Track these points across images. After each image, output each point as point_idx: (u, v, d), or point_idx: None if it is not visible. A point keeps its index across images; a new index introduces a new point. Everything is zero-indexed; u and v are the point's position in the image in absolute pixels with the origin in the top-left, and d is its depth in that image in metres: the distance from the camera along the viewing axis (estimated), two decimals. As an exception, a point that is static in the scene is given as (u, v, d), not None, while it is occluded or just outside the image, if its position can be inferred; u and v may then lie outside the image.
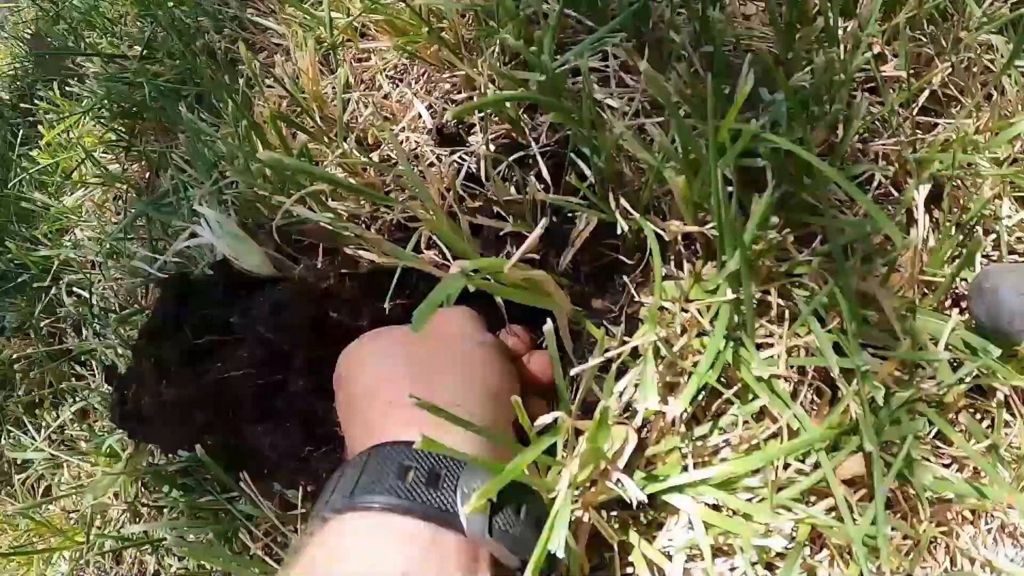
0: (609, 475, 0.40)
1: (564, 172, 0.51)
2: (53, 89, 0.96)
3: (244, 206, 0.58)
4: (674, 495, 0.41)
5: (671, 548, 0.41)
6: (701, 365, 0.39)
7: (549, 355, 0.42)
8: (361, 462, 0.37)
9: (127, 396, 0.58)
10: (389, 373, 0.43)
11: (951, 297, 0.48)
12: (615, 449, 0.39)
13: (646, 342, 0.39)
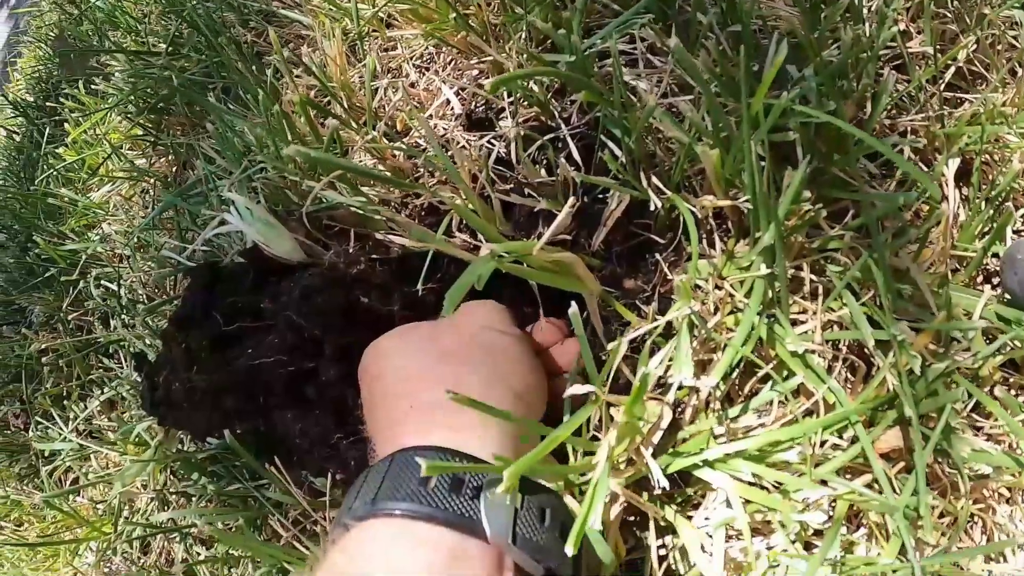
0: (643, 452, 0.40)
1: (594, 154, 0.51)
2: (78, 88, 0.97)
3: (273, 193, 0.58)
4: (708, 471, 0.40)
5: (708, 527, 0.41)
6: (736, 338, 0.39)
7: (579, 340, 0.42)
8: (384, 467, 0.37)
9: (157, 383, 0.58)
10: (412, 373, 0.43)
11: (983, 273, 0.48)
12: (650, 424, 0.39)
13: (681, 315, 0.39)
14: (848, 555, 0.39)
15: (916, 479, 0.35)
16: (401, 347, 0.46)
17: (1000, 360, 0.43)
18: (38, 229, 0.89)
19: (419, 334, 0.47)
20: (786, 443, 0.40)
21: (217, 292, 0.58)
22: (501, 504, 0.34)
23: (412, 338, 0.46)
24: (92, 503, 0.81)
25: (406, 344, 0.46)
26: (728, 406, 0.44)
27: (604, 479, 0.34)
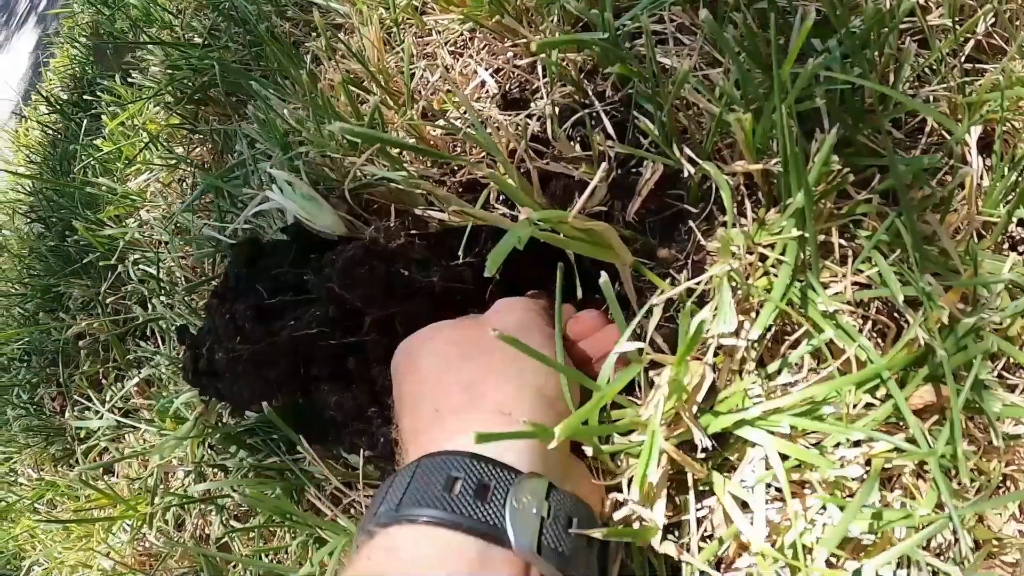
0: (686, 414, 0.41)
1: (627, 129, 0.53)
2: (114, 81, 1.00)
3: (314, 172, 0.60)
4: (748, 429, 0.42)
5: (748, 483, 0.42)
6: (774, 293, 0.40)
7: (615, 322, 0.42)
8: (409, 473, 0.36)
9: (201, 353, 0.60)
10: (440, 376, 0.43)
11: (1008, 241, 0.49)
12: (694, 383, 0.40)
13: (721, 271, 0.41)
14: (884, 508, 0.40)
15: (951, 427, 0.36)
16: (430, 348, 0.46)
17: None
18: (77, 216, 0.91)
19: (449, 335, 0.46)
20: (821, 400, 0.41)
21: (259, 267, 0.60)
22: (527, 513, 0.34)
23: (441, 339, 0.46)
24: (128, 480, 0.83)
25: (435, 345, 0.46)
26: (762, 367, 0.45)
27: (657, 433, 0.35)
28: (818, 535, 0.42)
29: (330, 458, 0.61)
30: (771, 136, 0.47)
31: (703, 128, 0.52)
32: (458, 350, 0.44)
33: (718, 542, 0.43)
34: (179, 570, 0.81)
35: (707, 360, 0.43)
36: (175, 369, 0.73)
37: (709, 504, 0.46)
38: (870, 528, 0.39)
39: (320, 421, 0.60)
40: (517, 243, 0.40)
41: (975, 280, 0.42)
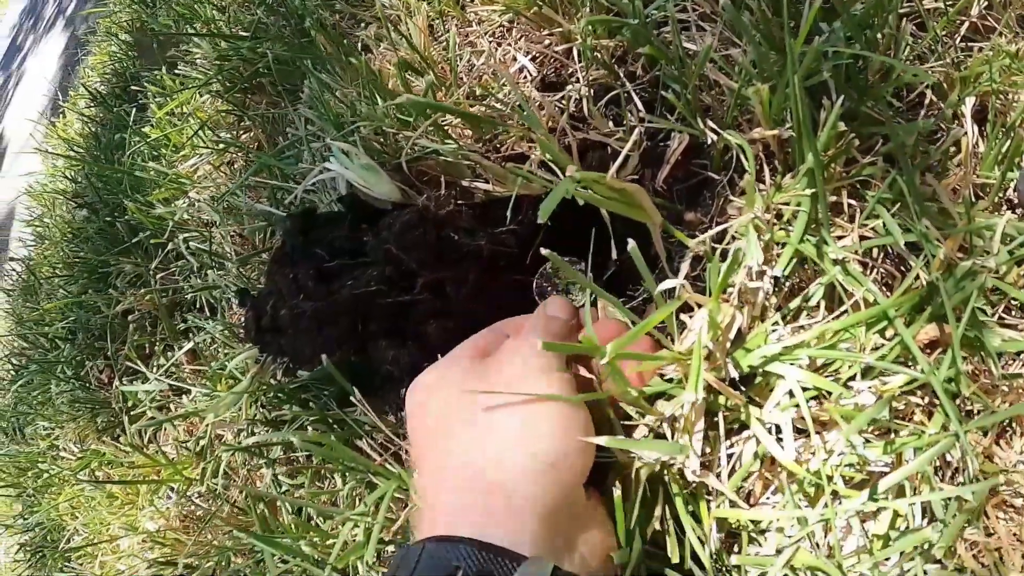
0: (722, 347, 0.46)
1: (656, 107, 0.58)
2: (161, 73, 1.06)
3: (368, 148, 0.66)
4: (774, 364, 0.47)
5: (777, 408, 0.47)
6: (793, 236, 0.46)
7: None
8: (414, 557, 0.37)
9: (264, 311, 0.66)
10: (441, 441, 0.43)
11: (1005, 204, 0.54)
12: (725, 322, 0.46)
13: (746, 219, 0.46)
14: (896, 432, 0.45)
15: (953, 353, 0.42)
16: (437, 402, 0.45)
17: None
18: (126, 198, 0.97)
19: (458, 385, 0.44)
20: (836, 336, 0.47)
21: (316, 235, 0.65)
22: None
23: (449, 391, 0.45)
24: (176, 442, 0.88)
25: (441, 400, 0.45)
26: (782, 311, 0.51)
27: (700, 353, 0.40)
28: (836, 462, 0.47)
29: (381, 412, 0.66)
30: (785, 107, 0.53)
31: (724, 104, 0.58)
32: (460, 415, 0.43)
33: (749, 463, 0.49)
34: (226, 528, 0.87)
35: (734, 302, 0.48)
36: (228, 335, 0.78)
37: (737, 440, 0.51)
38: (884, 450, 0.45)
39: (371, 379, 0.65)
40: (566, 193, 0.46)
41: (970, 227, 0.47)
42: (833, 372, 0.49)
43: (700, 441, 0.48)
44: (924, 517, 0.46)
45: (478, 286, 0.62)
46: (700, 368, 0.40)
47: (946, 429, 0.46)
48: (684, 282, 0.44)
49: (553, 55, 0.66)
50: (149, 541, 0.94)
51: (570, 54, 0.65)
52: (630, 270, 0.61)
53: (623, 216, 0.57)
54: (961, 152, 0.51)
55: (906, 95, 0.57)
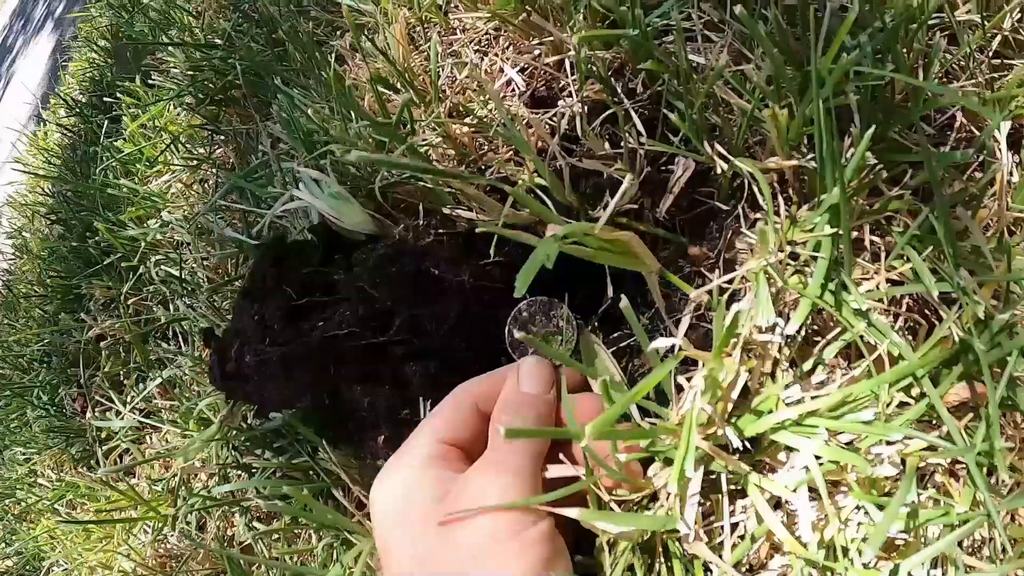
0: (723, 409, 0.40)
1: (657, 127, 0.52)
2: (134, 83, 1.00)
3: (340, 172, 0.60)
4: (785, 433, 0.41)
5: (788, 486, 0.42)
6: (810, 288, 0.40)
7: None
8: None
9: (228, 355, 0.60)
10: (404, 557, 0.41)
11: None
12: (728, 380, 0.40)
13: (757, 266, 0.40)
14: (921, 508, 0.40)
15: (987, 423, 0.36)
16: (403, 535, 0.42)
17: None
18: (98, 217, 0.92)
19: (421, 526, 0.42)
20: (857, 401, 0.41)
21: (286, 267, 0.60)
22: None
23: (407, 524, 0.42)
24: (149, 481, 0.83)
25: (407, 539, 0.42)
26: (796, 369, 0.45)
27: (694, 422, 0.35)
28: (852, 535, 0.41)
29: (356, 459, 0.60)
30: (803, 132, 0.47)
31: (733, 125, 0.52)
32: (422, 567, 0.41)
33: (750, 540, 0.43)
34: (201, 571, 0.81)
35: (739, 358, 0.42)
36: (198, 370, 0.73)
37: (742, 505, 0.45)
38: (906, 527, 0.39)
39: (346, 424, 0.60)
40: (546, 260, 0.40)
41: (1010, 276, 0.41)
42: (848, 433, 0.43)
43: (694, 509, 0.42)
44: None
45: (460, 324, 0.56)
46: (690, 445, 0.34)
47: (976, 504, 0.40)
48: (680, 341, 0.38)
49: (543, 68, 0.59)
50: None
51: (562, 66, 0.59)
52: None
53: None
54: (996, 184, 0.45)
55: (935, 119, 0.51)
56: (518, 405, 0.44)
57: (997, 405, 0.36)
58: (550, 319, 0.51)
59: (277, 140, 0.67)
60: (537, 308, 0.51)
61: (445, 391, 0.48)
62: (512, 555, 0.38)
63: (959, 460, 0.43)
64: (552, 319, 0.51)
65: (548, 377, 0.47)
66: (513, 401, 0.45)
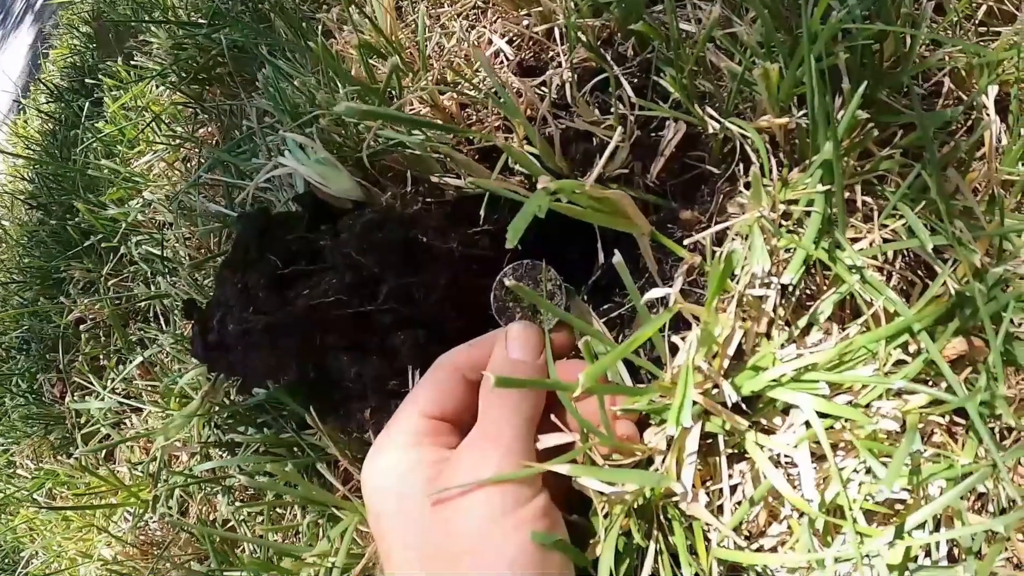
0: (718, 365, 0.40)
1: (647, 93, 0.52)
2: (117, 64, 0.98)
3: (327, 141, 0.59)
4: (782, 390, 0.41)
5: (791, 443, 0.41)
6: (805, 238, 0.40)
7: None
8: None
9: (211, 326, 0.59)
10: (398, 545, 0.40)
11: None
12: (723, 335, 0.39)
13: (751, 218, 0.40)
14: (924, 461, 0.39)
15: (987, 372, 0.36)
16: (394, 526, 0.41)
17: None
18: (78, 198, 0.90)
19: (418, 518, 0.40)
20: (854, 358, 0.41)
21: (271, 236, 0.58)
22: None
23: (408, 518, 0.41)
24: (129, 465, 0.82)
25: (400, 531, 0.41)
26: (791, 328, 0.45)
27: (691, 371, 0.34)
28: (854, 495, 0.41)
29: (343, 432, 0.59)
30: (794, 92, 0.47)
31: (724, 91, 0.51)
32: (419, 551, 0.39)
33: (748, 503, 0.42)
34: (184, 557, 0.80)
35: (734, 313, 0.42)
36: (179, 348, 0.71)
37: (740, 470, 0.45)
38: (909, 482, 0.39)
39: (332, 395, 0.59)
40: (537, 211, 0.39)
41: (1002, 229, 0.41)
42: (847, 391, 0.43)
43: (692, 468, 0.41)
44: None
45: (449, 292, 0.55)
46: (687, 394, 0.34)
47: (978, 457, 0.40)
48: (674, 291, 0.38)
49: (532, 36, 0.59)
50: (105, 570, 0.87)
51: (551, 35, 0.59)
52: (614, 277, 0.54)
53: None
54: (984, 146, 0.45)
55: (923, 84, 0.51)
56: (509, 372, 0.43)
57: (999, 350, 0.36)
58: (537, 283, 0.50)
59: (263, 113, 0.66)
60: (523, 271, 0.50)
61: (434, 361, 0.48)
62: (508, 533, 0.37)
63: (957, 420, 0.43)
64: (539, 283, 0.51)
65: (537, 343, 0.46)
66: (501, 369, 0.44)
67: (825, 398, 0.40)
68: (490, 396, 0.43)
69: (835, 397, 0.42)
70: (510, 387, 0.38)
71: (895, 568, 0.39)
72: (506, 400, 0.41)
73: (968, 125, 0.53)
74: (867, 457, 0.37)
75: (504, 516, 0.38)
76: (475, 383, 0.46)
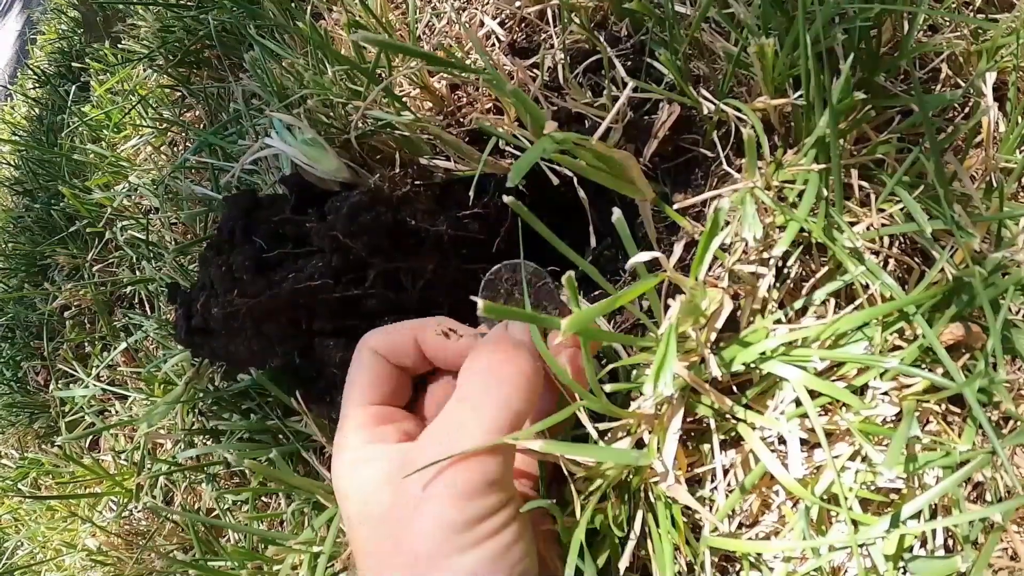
0: (705, 337, 0.39)
1: (640, 75, 0.51)
2: (104, 47, 0.97)
3: (315, 122, 0.58)
4: (774, 363, 0.40)
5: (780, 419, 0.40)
6: (800, 210, 0.39)
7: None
8: None
9: (195, 310, 0.57)
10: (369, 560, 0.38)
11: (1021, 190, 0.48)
12: (711, 308, 0.38)
13: (744, 188, 0.39)
14: (922, 449, 0.39)
15: (986, 358, 0.35)
16: (363, 523, 0.38)
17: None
18: (63, 183, 0.88)
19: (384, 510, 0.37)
20: (849, 339, 0.40)
21: (256, 218, 0.57)
22: None
23: (376, 514, 0.38)
24: (114, 454, 0.80)
25: (368, 527, 0.38)
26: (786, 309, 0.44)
27: (671, 345, 0.33)
28: (849, 482, 0.40)
29: (329, 420, 0.58)
30: (790, 74, 0.46)
31: (719, 73, 0.51)
32: (378, 557, 0.37)
33: (740, 490, 0.41)
34: (168, 547, 0.79)
35: (724, 286, 0.41)
36: (164, 334, 0.70)
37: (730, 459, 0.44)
38: (905, 470, 0.38)
39: (317, 382, 0.58)
40: (543, 154, 0.38)
41: (1002, 215, 0.41)
42: (840, 377, 0.42)
43: (674, 445, 0.40)
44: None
45: (438, 277, 0.54)
46: (669, 356, 0.33)
47: (976, 445, 0.39)
48: (672, 259, 0.37)
49: (524, 17, 0.58)
50: (90, 560, 0.86)
51: (544, 16, 0.58)
52: (608, 262, 0.53)
53: (605, 199, 0.50)
54: (982, 133, 0.44)
55: (919, 70, 0.50)
56: (510, 348, 0.39)
57: (999, 334, 0.35)
58: (517, 284, 0.49)
59: (250, 95, 0.65)
60: (506, 272, 0.49)
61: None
62: (466, 547, 0.34)
63: (953, 408, 0.42)
64: (519, 283, 0.49)
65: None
66: (502, 337, 0.40)
67: (817, 375, 0.39)
68: (474, 382, 0.38)
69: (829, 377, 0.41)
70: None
71: (891, 557, 0.38)
72: (496, 392, 0.37)
73: (965, 112, 0.52)
74: (862, 442, 0.36)
75: (462, 533, 0.34)
76: (399, 365, 0.44)
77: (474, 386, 0.38)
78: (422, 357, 0.44)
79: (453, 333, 0.43)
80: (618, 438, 0.41)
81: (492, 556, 0.35)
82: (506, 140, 0.51)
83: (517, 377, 0.37)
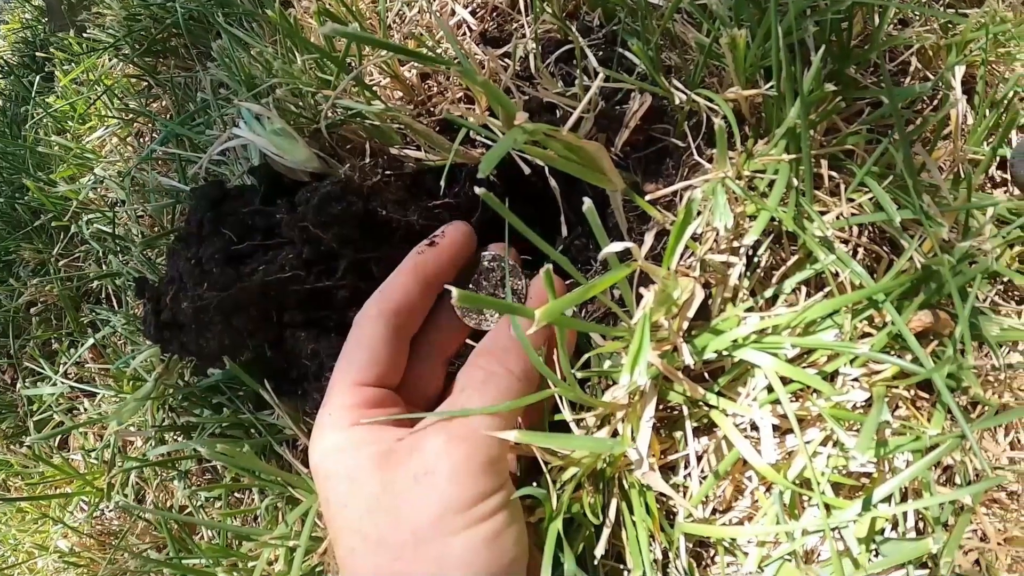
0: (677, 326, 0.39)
1: (612, 66, 0.51)
2: (69, 37, 0.94)
3: (284, 112, 0.57)
4: (746, 350, 0.40)
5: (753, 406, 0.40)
6: (771, 199, 0.39)
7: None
8: None
9: (163, 304, 0.56)
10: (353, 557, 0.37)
11: (990, 181, 0.49)
12: (683, 298, 0.38)
13: (715, 178, 0.39)
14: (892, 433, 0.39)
15: (954, 345, 0.35)
16: (347, 506, 0.38)
17: (1017, 252, 0.44)
18: (28, 176, 0.86)
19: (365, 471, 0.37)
20: (819, 327, 0.40)
21: (225, 209, 0.56)
22: None
23: (361, 502, 0.37)
24: (84, 452, 0.79)
25: (353, 512, 0.37)
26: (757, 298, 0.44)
27: (645, 334, 0.33)
28: (821, 467, 0.41)
29: (302, 412, 0.58)
30: (761, 64, 0.46)
31: (691, 64, 0.51)
32: (364, 537, 0.36)
33: (713, 476, 0.42)
34: (141, 546, 0.78)
35: (695, 276, 0.41)
36: (132, 329, 0.69)
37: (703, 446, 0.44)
38: (875, 455, 0.38)
39: (289, 374, 0.57)
40: (513, 145, 0.37)
41: (970, 204, 0.41)
42: (811, 364, 0.43)
43: (647, 434, 0.40)
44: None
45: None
46: (644, 346, 0.33)
47: (945, 430, 0.40)
48: (643, 249, 0.37)
49: (496, 7, 0.57)
50: (62, 562, 0.84)
51: (515, 5, 0.57)
52: (578, 251, 0.53)
53: (577, 189, 0.50)
54: (951, 124, 0.45)
55: (889, 63, 0.51)
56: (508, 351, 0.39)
57: (967, 321, 0.36)
58: (493, 271, 0.49)
59: (218, 84, 0.64)
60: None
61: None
62: (458, 531, 0.34)
63: (922, 394, 0.43)
64: (495, 271, 0.49)
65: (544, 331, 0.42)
66: (504, 344, 0.40)
67: (788, 363, 0.39)
68: (475, 375, 0.39)
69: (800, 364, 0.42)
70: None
71: (863, 540, 0.39)
72: (497, 380, 0.38)
73: (934, 105, 0.53)
74: (834, 427, 0.37)
75: (458, 513, 0.35)
76: (400, 331, 0.44)
77: (475, 377, 0.39)
78: (427, 291, 0.45)
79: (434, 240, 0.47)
80: (592, 427, 0.41)
81: (484, 538, 0.35)
82: (476, 131, 0.50)
83: (518, 366, 0.39)
